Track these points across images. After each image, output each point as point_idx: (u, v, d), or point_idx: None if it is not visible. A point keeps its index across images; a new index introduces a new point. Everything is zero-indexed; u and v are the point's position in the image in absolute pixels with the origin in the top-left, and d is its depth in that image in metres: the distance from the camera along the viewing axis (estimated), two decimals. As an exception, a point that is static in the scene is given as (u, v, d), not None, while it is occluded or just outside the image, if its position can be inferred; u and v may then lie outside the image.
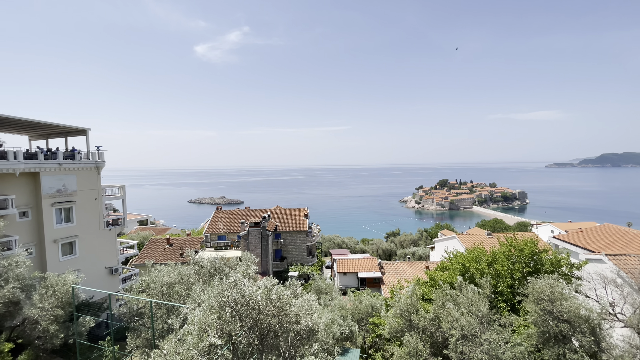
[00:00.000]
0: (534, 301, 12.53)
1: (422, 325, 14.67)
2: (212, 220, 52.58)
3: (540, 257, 15.81)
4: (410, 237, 79.65)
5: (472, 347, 12.19)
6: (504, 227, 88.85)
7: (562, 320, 11.71)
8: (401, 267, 43.09)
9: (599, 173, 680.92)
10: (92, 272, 27.66)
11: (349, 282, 42.80)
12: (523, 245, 16.03)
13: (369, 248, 72.32)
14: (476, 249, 18.14)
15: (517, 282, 15.24)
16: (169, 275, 14.54)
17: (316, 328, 7.85)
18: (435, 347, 14.43)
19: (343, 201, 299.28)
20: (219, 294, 7.24)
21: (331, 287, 30.68)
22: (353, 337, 21.09)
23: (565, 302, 11.82)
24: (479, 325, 12.75)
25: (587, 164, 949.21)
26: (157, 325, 12.96)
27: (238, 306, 7.17)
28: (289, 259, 49.01)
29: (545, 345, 11.97)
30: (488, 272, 16.00)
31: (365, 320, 22.81)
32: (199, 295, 8.76)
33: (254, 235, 41.37)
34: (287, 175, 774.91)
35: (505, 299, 15.22)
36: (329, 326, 16.85)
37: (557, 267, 15.41)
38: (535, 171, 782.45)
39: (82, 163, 28.21)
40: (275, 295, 7.48)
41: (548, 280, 12.66)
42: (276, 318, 7.40)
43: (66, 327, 14.94)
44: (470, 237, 47.01)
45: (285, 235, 49.30)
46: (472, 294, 13.81)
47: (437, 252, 52.29)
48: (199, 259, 15.47)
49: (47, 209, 25.60)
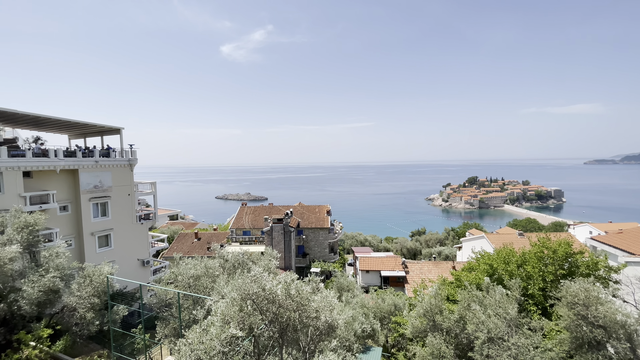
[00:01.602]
0: (567, 305, 11.88)
1: (446, 326, 14.33)
2: (237, 216, 54.00)
3: (576, 259, 14.94)
4: (436, 236, 77.67)
5: (499, 351, 11.75)
6: (537, 227, 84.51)
7: (597, 326, 11.03)
8: (426, 266, 42.19)
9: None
10: (125, 264, 29.28)
11: (372, 280, 42.49)
12: (556, 246, 15.21)
13: (393, 247, 71.31)
14: (505, 250, 17.42)
15: (549, 285, 14.50)
16: (195, 268, 15.10)
17: (335, 324, 7.88)
18: (460, 349, 14.05)
19: (366, 199, 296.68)
20: (241, 287, 7.45)
21: (353, 285, 30.60)
22: (375, 335, 20.96)
23: (601, 306, 11.11)
24: (507, 329, 12.26)
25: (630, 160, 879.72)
26: (184, 316, 13.53)
27: (259, 299, 7.35)
28: (311, 255, 49.38)
29: (578, 351, 11.33)
30: (518, 274, 15.33)
31: (387, 319, 22.60)
32: (223, 288, 9.06)
33: (277, 231, 42.03)
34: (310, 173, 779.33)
35: (536, 302, 14.54)
36: (350, 323, 16.84)
37: (593, 270, 14.51)
38: (572, 168, 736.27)
39: (117, 160, 29.85)
40: (295, 290, 7.58)
41: (583, 284, 11.94)
42: (296, 313, 7.50)
43: (101, 314, 15.93)
44: (500, 237, 45.15)
45: (308, 231, 49.67)
46: (500, 296, 13.29)
47: (464, 252, 50.69)
48: (224, 253, 15.95)
49: (85, 203, 27.36)
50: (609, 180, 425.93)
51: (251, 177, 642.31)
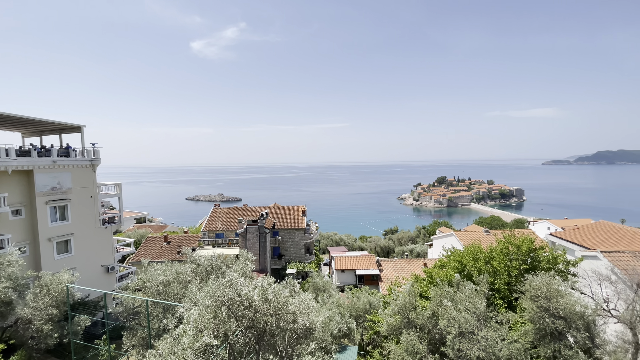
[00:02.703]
0: (530, 298, 12.58)
1: (419, 323, 14.70)
2: (210, 218, 52.45)
3: (537, 254, 15.86)
4: (408, 234, 79.84)
5: (470, 345, 12.22)
6: (501, 224, 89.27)
7: (558, 317, 11.77)
8: (399, 264, 43.18)
9: (594, 170, 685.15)
10: (87, 271, 27.50)
11: (347, 279, 42.87)
12: (520, 243, 16.07)
13: (367, 245, 72.43)
14: (473, 247, 18.18)
15: (514, 280, 15.29)
16: (165, 273, 14.44)
17: (313, 327, 7.81)
18: (433, 345, 14.47)
19: (341, 198, 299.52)
20: (215, 294, 7.17)
21: (329, 285, 30.68)
22: (351, 335, 21.12)
23: (561, 299, 11.87)
24: (476, 323, 12.79)
25: (583, 161, 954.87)
26: (154, 325, 12.88)
27: (234, 305, 7.11)
28: (287, 256, 49.00)
29: (542, 341, 12.03)
30: (485, 270, 16.04)
31: (363, 317, 22.84)
32: (195, 294, 8.70)
33: (251, 233, 41.30)
34: (286, 173, 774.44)
35: (502, 296, 15.27)
36: (327, 324, 16.84)
37: (553, 264, 15.47)
38: (532, 168, 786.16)
39: (77, 160, 27.96)
40: (272, 295, 7.42)
41: (544, 278, 12.70)
42: (273, 317, 7.34)
43: (61, 326, 14.82)
44: (468, 234, 47.16)
45: (283, 232, 49.26)
46: (470, 292, 13.84)
47: (435, 250, 52.48)
48: (196, 257, 15.39)
49: (41, 207, 25.37)
50: (565, 180, 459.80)
51: (224, 178, 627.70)
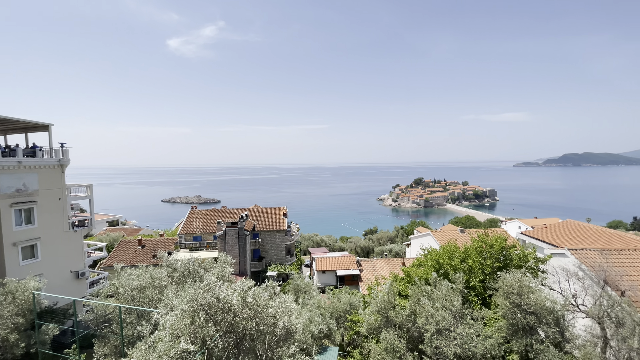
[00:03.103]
0: (503, 295, 13.07)
1: (398, 322, 14.93)
2: (186, 220, 51.05)
3: (509, 252, 16.51)
4: (387, 234, 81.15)
5: (446, 342, 12.54)
6: (475, 224, 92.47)
7: (529, 313, 12.29)
8: (379, 264, 43.77)
9: (561, 172, 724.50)
10: (56, 277, 26.06)
11: (328, 280, 42.97)
12: (493, 241, 16.68)
13: (348, 246, 72.98)
14: (449, 246, 18.69)
15: (488, 277, 15.83)
16: (139, 278, 13.90)
17: (294, 329, 7.74)
18: (412, 343, 14.74)
19: (322, 200, 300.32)
20: (192, 298, 6.96)
21: (310, 286, 30.62)
22: (332, 335, 21.17)
23: (532, 295, 12.41)
24: (453, 320, 13.15)
25: (551, 163, 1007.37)
26: (127, 332, 12.36)
27: (212, 310, 6.93)
28: (267, 258, 48.49)
29: (514, 336, 12.53)
30: (461, 268, 16.53)
31: (343, 317, 22.95)
32: (172, 300, 8.42)
33: (231, 235, 40.55)
34: (266, 174, 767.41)
35: (477, 293, 15.78)
36: (308, 325, 16.79)
37: (524, 262, 16.15)
38: (504, 170, 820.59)
39: (45, 161, 26.47)
40: (252, 298, 7.30)
41: (516, 275, 13.23)
42: (252, 321, 7.22)
43: (28, 335, 13.97)
44: (444, 234, 48.51)
45: (264, 234, 48.72)
46: (446, 290, 14.22)
47: (413, 249, 53.59)
48: (172, 261, 14.91)
49: (5, 209, 23.80)
50: (534, 181, 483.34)
51: (202, 179, 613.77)
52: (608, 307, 12.60)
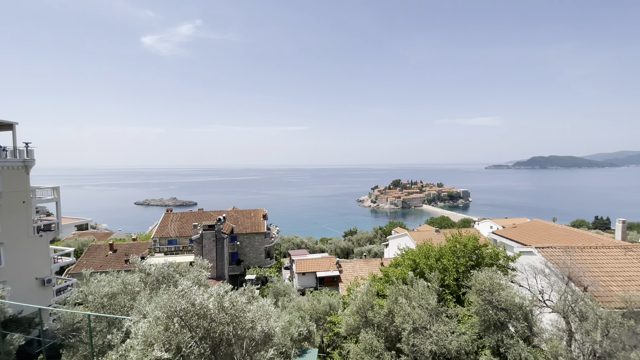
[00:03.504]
0: (476, 292, 13.55)
1: (377, 321, 15.12)
2: (161, 224, 49.39)
3: (481, 251, 17.14)
4: (366, 235, 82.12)
5: (423, 339, 12.83)
6: (450, 224, 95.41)
7: (500, 309, 12.81)
8: (358, 264, 44.18)
9: (529, 174, 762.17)
10: (20, 284, 24.49)
11: (308, 282, 42.89)
12: (466, 241, 17.27)
13: (328, 247, 73.21)
14: (425, 246, 19.16)
15: (461, 275, 16.35)
16: (110, 284, 13.29)
17: (272, 333, 7.66)
18: (390, 342, 14.97)
19: (302, 201, 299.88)
20: (166, 304, 6.73)
21: (290, 289, 30.46)
22: (311, 337, 21.12)
23: (502, 292, 12.94)
24: (429, 318, 13.48)
25: (520, 166, 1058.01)
26: (97, 341, 11.77)
27: (187, 316, 6.73)
28: (246, 261, 47.75)
29: (486, 332, 13.01)
30: (436, 267, 16.99)
31: (323, 319, 22.97)
32: (144, 306, 8.11)
33: (208, 239, 39.61)
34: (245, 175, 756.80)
35: (451, 291, 16.26)
36: (287, 328, 16.68)
37: (495, 260, 16.81)
38: (476, 172, 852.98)
39: (8, 161, 24.87)
40: (229, 302, 7.15)
41: (488, 273, 13.76)
42: (230, 326, 7.08)
43: (-9, 346, 12.99)
44: (420, 234, 49.72)
45: (242, 237, 47.96)
46: (422, 288, 14.56)
47: (391, 249, 54.53)
48: (146, 266, 14.36)
49: (-40, 214, 22.13)
50: (504, 183, 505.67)
51: (178, 180, 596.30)
52: (572, 302, 13.37)
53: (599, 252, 17.82)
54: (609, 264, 16.89)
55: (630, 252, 17.77)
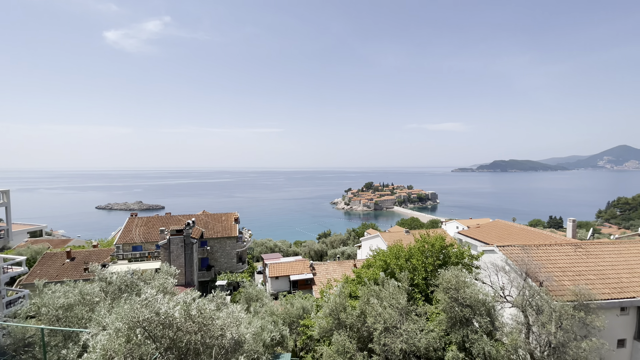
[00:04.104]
0: (443, 290, 14.08)
1: (349, 323, 15.26)
2: (125, 229, 46.85)
3: (448, 250, 17.86)
4: (340, 237, 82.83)
5: (393, 338, 13.12)
6: (419, 225, 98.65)
7: (466, 306, 13.40)
8: (331, 266, 44.40)
9: (491, 177, 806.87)
10: (-43, 300, 22.15)
11: (281, 286, 42.44)
12: (434, 241, 17.92)
13: (302, 250, 72.94)
14: (396, 246, 19.64)
15: (430, 274, 16.93)
16: (66, 295, 12.37)
17: (243, 339, 7.48)
18: (362, 342, 15.15)
19: (276, 204, 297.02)
20: (128, 315, 6.36)
21: (262, 293, 29.94)
22: (284, 342, 20.86)
23: (467, 289, 13.54)
24: (399, 317, 13.81)
25: (483, 169, 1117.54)
26: (51, 356, 10.89)
27: (152, 326, 6.40)
28: (216, 267, 46.41)
29: (453, 328, 13.54)
30: (406, 267, 17.46)
31: (296, 323, 22.82)
32: (104, 317, 7.61)
33: (175, 244, 38.06)
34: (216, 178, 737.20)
35: (420, 290, 16.77)
36: (259, 334, 16.36)
37: (460, 259, 17.57)
38: (443, 175, 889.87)
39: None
40: (196, 310, 6.89)
41: (454, 271, 14.36)
42: (198, 334, 6.83)
43: None
44: (391, 235, 50.94)
45: (213, 242, 46.61)
46: (393, 288, 14.90)
47: (363, 250, 55.38)
48: (107, 274, 13.53)
49: None
50: (469, 185, 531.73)
51: (144, 183, 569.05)
52: (529, 296, 14.27)
53: (552, 249, 19.18)
54: (561, 260, 18.23)
55: (580, 248, 19.30)
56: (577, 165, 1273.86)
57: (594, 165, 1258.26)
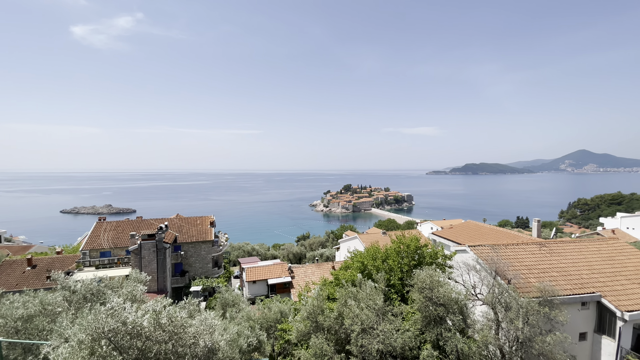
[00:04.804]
0: (418, 290, 14.38)
1: (327, 325, 15.24)
2: (92, 234, 44.49)
3: (422, 251, 18.28)
4: (319, 239, 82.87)
5: (370, 339, 13.24)
6: (396, 226, 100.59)
7: (439, 304, 13.76)
8: (310, 269, 44.26)
9: (463, 179, 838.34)
10: None
11: (259, 290, 41.79)
12: (409, 242, 18.29)
13: (280, 253, 72.29)
14: (373, 247, 19.88)
15: (405, 275, 17.23)
16: (25, 306, 11.56)
17: (216, 347, 7.26)
18: (339, 344, 15.17)
19: (255, 207, 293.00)
20: (91, 325, 6.00)
21: (239, 298, 29.36)
22: (262, 347, 20.53)
23: (441, 288, 13.91)
24: (376, 318, 13.97)
25: (456, 172, 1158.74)
26: (7, 373, 10.11)
27: (118, 337, 6.07)
28: (191, 272, 45.03)
29: (427, 327, 13.85)
30: (383, 268, 17.69)
31: (274, 327, 22.53)
32: (67, 328, 7.15)
33: (147, 249, 36.57)
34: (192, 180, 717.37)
35: (396, 290, 17.03)
36: (235, 340, 16.00)
37: (434, 259, 18.03)
38: (418, 177, 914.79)
39: None
40: (167, 319, 6.62)
41: (428, 271, 14.71)
42: (168, 343, 6.56)
43: None
44: (369, 237, 51.58)
45: (187, 246, 45.20)
46: (370, 289, 15.06)
47: (342, 252, 55.68)
48: (71, 282, 12.75)
49: None
50: (443, 187, 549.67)
51: (114, 186, 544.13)
52: (499, 294, 14.88)
53: (519, 248, 20.14)
54: (527, 259, 19.18)
55: (544, 247, 20.39)
56: (542, 169, 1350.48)
57: (556, 168, 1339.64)
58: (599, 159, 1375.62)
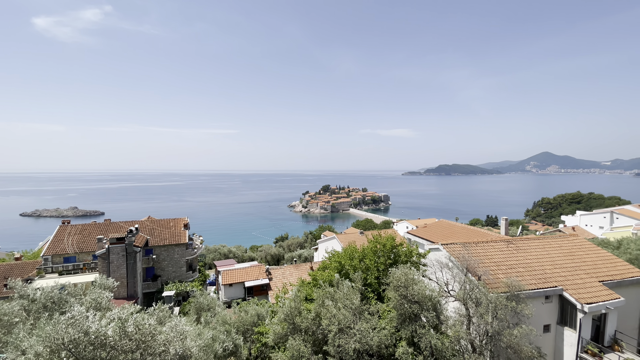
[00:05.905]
0: (393, 288, 14.64)
1: (304, 326, 15.18)
2: (55, 238, 41.80)
3: (398, 250, 18.64)
4: (297, 240, 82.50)
5: (347, 339, 13.32)
6: (373, 226, 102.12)
7: (414, 302, 14.08)
8: (288, 270, 43.89)
9: (437, 180, 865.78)
10: None
11: (235, 293, 40.93)
12: (385, 241, 18.59)
13: (258, 255, 71.27)
14: (350, 247, 20.04)
15: (382, 274, 17.50)
16: (-24, 318, 10.63)
17: (188, 353, 7.00)
18: (317, 345, 15.15)
19: (231, 208, 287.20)
20: (50, 336, 5.60)
21: (214, 302, 28.62)
22: (238, 352, 20.12)
23: (415, 286, 14.24)
24: (353, 317, 14.07)
25: (430, 172, 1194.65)
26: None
27: (79, 348, 5.70)
28: (164, 276, 43.40)
29: (403, 325, 14.13)
30: (359, 267, 17.87)
31: (251, 331, 22.16)
32: (24, 340, 6.63)
33: (116, 254, 34.86)
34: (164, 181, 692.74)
35: (373, 289, 17.24)
36: (210, 345, 15.57)
37: (409, 257, 18.43)
38: (394, 178, 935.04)
39: None
40: (133, 327, 6.30)
41: (403, 269, 15.02)
42: (136, 352, 6.24)
43: None
44: (346, 237, 51.99)
45: (160, 250, 43.53)
46: (347, 289, 15.16)
47: (320, 253, 55.75)
48: (29, 290, 11.89)
49: None
50: (417, 187, 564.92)
51: (80, 187, 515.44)
52: (470, 290, 15.43)
53: (488, 245, 21.01)
54: (496, 255, 20.04)
55: (511, 244, 21.40)
56: (509, 170, 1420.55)
57: (522, 169, 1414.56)
58: (561, 160, 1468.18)
